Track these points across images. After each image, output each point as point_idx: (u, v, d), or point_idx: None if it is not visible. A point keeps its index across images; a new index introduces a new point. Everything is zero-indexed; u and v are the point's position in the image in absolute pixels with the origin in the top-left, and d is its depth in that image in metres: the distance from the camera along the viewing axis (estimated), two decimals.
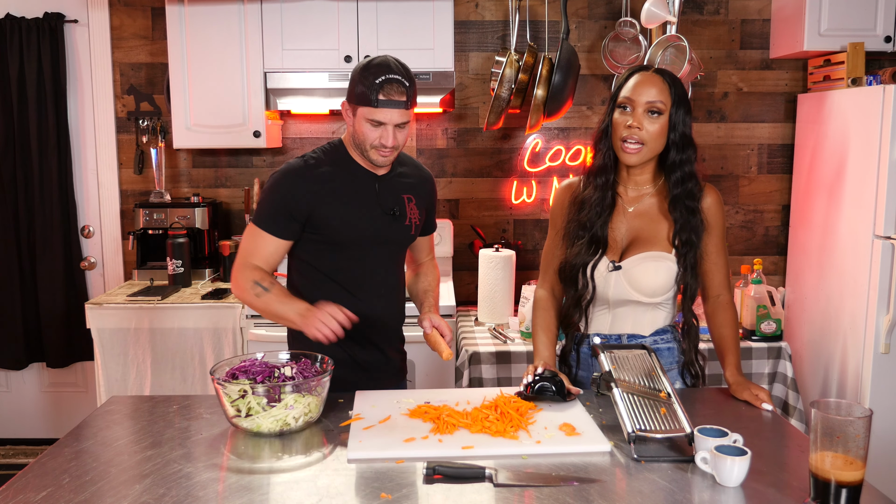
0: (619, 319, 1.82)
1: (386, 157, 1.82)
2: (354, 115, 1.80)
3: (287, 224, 1.83)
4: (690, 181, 1.78)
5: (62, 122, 3.45)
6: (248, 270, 1.83)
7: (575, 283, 1.80)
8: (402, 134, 1.81)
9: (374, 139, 1.79)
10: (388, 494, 1.27)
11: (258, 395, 1.52)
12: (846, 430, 1.18)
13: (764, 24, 3.46)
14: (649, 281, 1.76)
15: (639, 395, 1.53)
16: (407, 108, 1.79)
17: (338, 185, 1.85)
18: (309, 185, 1.83)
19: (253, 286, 1.80)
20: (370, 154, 1.82)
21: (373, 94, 1.74)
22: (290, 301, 1.78)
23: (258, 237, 1.85)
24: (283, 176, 1.85)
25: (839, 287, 3.01)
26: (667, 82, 1.75)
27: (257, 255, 1.85)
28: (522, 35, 3.35)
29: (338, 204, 1.84)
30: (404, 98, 1.77)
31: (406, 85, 1.77)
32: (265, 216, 1.85)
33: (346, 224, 1.84)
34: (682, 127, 1.75)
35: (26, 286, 3.52)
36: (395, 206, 1.90)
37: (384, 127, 1.77)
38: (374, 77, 1.75)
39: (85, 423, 1.62)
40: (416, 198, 1.96)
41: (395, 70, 1.77)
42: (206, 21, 3.12)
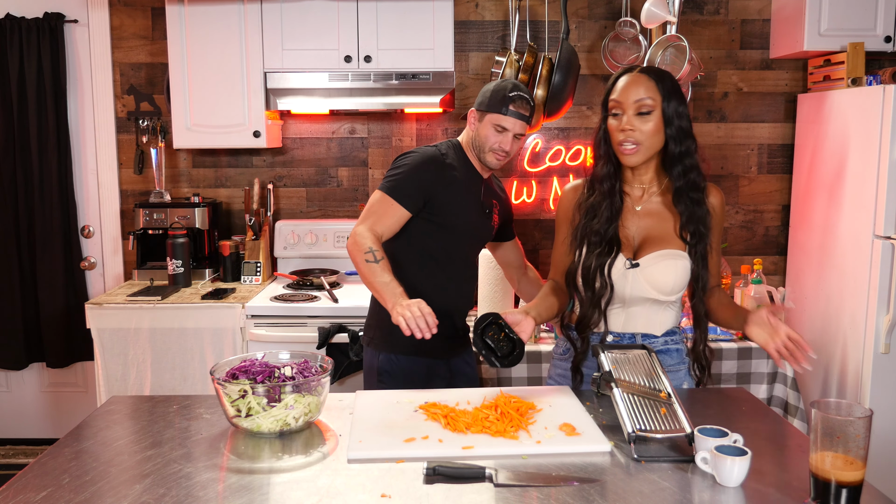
0: (632, 319, 1.82)
1: (500, 160, 2.11)
2: (481, 120, 2.11)
3: (417, 200, 2.07)
4: (692, 172, 1.77)
5: (62, 122, 3.45)
6: (370, 235, 2.02)
7: (593, 286, 1.79)
8: (516, 144, 2.12)
9: (495, 143, 2.09)
10: (388, 494, 1.27)
11: (258, 395, 1.52)
12: (846, 430, 1.18)
13: (764, 24, 3.46)
14: (667, 279, 1.76)
15: (639, 395, 1.53)
16: (527, 122, 2.11)
17: (459, 178, 2.13)
18: (442, 171, 2.10)
19: (368, 251, 1.98)
20: (487, 156, 2.11)
21: (504, 104, 2.07)
22: (392, 281, 1.94)
23: (389, 205, 2.06)
24: (423, 159, 2.11)
25: (839, 287, 3.01)
26: (653, 79, 1.74)
27: (383, 221, 2.06)
28: (522, 35, 3.35)
29: (456, 193, 2.12)
30: (528, 113, 2.11)
31: (531, 104, 2.12)
32: (401, 189, 2.06)
33: (459, 212, 2.13)
34: (677, 120, 1.74)
35: (26, 286, 3.52)
36: (489, 206, 2.22)
37: (506, 133, 2.08)
38: (509, 91, 2.08)
39: (85, 423, 1.62)
40: (500, 206, 2.29)
41: (524, 90, 2.12)
42: (206, 21, 3.12)
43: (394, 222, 2.07)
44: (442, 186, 2.09)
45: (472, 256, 2.29)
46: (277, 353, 1.72)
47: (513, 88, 2.09)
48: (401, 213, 2.07)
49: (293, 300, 3.02)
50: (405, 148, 3.52)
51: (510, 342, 1.72)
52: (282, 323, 2.95)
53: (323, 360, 1.68)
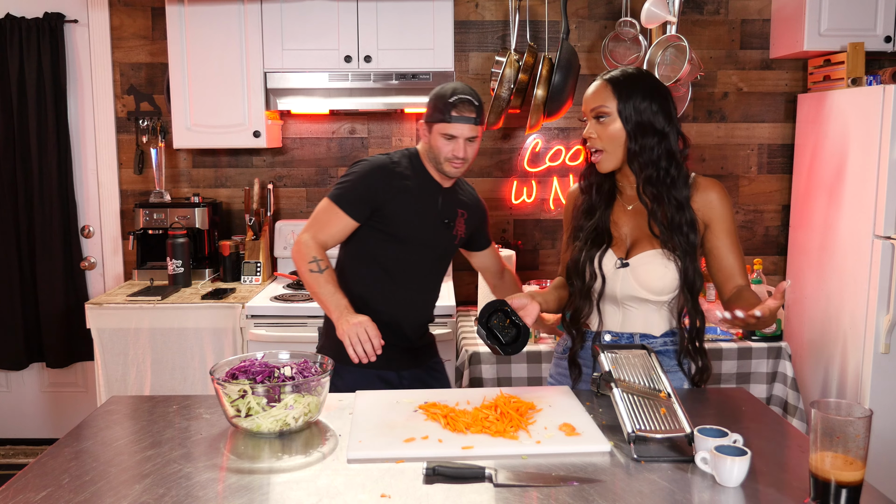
0: (629, 318, 1.82)
1: (457, 168, 2.04)
2: (430, 131, 2.04)
3: (363, 209, 2.03)
4: (650, 168, 1.75)
5: (62, 122, 3.45)
6: (313, 245, 2.01)
7: (583, 276, 1.81)
8: (471, 148, 2.04)
9: (448, 152, 2.01)
10: (388, 494, 1.27)
11: (258, 395, 1.52)
12: (846, 430, 1.18)
13: (764, 24, 3.46)
14: (657, 279, 1.76)
15: (639, 395, 1.53)
16: (476, 123, 2.02)
17: (411, 188, 2.07)
18: (391, 181, 2.05)
19: (311, 260, 1.98)
20: (444, 167, 2.04)
21: (447, 111, 1.99)
22: (336, 292, 1.95)
23: (334, 214, 2.03)
24: (371, 167, 2.06)
25: (839, 287, 3.01)
26: (609, 84, 1.76)
27: (327, 230, 2.03)
28: (522, 35, 3.35)
29: (407, 204, 2.05)
30: (474, 115, 2.01)
31: (476, 104, 2.02)
32: (347, 198, 2.03)
33: (409, 223, 2.06)
34: (635, 117, 1.73)
35: (26, 286, 3.52)
36: (448, 217, 2.13)
37: (456, 140, 2.00)
38: (449, 97, 2.00)
39: (85, 423, 1.62)
40: (469, 215, 2.19)
41: (465, 91, 2.02)
42: (206, 21, 3.12)
43: (338, 231, 2.05)
44: (390, 196, 2.04)
45: (429, 268, 2.17)
46: (277, 353, 1.72)
47: (452, 93, 2.01)
48: (346, 221, 2.03)
49: (293, 300, 3.02)
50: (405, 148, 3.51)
51: (515, 328, 1.72)
52: (282, 323, 2.95)
53: (323, 360, 1.68)
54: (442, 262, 2.21)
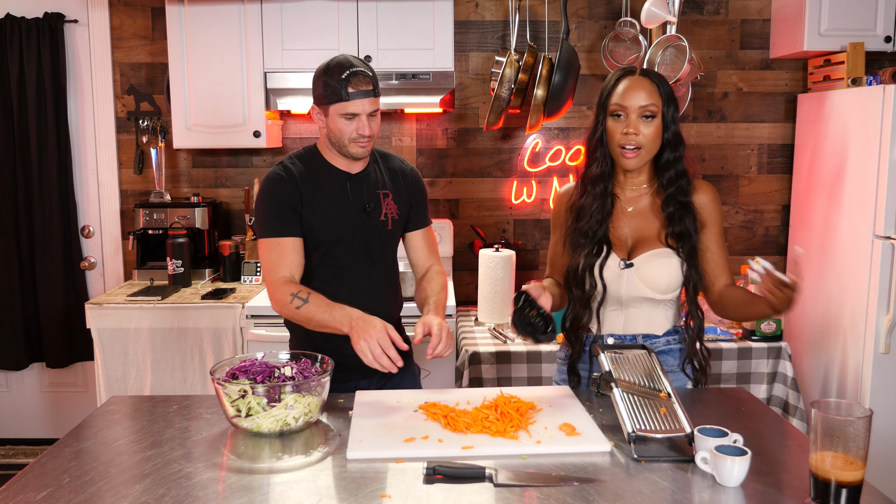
0: (631, 319, 1.82)
1: (364, 147, 1.89)
2: (327, 115, 1.88)
3: (292, 221, 1.89)
4: (682, 178, 1.80)
5: (62, 122, 3.45)
6: (282, 285, 1.85)
7: (583, 285, 1.80)
8: (375, 122, 1.89)
9: (351, 132, 1.86)
10: (388, 494, 1.27)
11: (258, 395, 1.52)
12: (846, 430, 1.18)
13: (764, 24, 3.46)
14: (662, 277, 1.76)
15: (639, 395, 1.53)
16: (375, 95, 1.87)
17: (313, 187, 1.92)
18: (291, 187, 1.90)
19: (291, 299, 1.82)
20: (349, 149, 1.88)
21: (342, 89, 1.83)
22: (334, 308, 1.79)
23: (274, 247, 1.89)
24: (269, 183, 1.92)
25: (839, 287, 3.01)
26: (655, 83, 1.76)
27: (282, 263, 1.88)
28: (522, 35, 3.35)
29: (315, 204, 1.91)
30: (371, 87, 1.85)
31: (370, 75, 1.86)
32: (270, 224, 1.89)
33: (323, 223, 1.91)
34: (673, 126, 1.78)
35: (26, 286, 3.52)
36: (368, 202, 1.96)
37: (358, 118, 1.85)
38: (339, 73, 1.83)
39: (85, 423, 1.62)
40: (394, 192, 2.01)
41: (356, 64, 1.86)
42: (206, 21, 3.12)
43: (292, 257, 1.88)
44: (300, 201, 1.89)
45: (364, 264, 1.97)
46: (277, 353, 1.72)
47: (343, 67, 1.84)
48: (291, 243, 1.88)
49: None
50: (405, 148, 3.52)
51: (542, 318, 1.71)
52: (281, 323, 2.94)
53: (323, 360, 1.68)
54: (384, 249, 2.01)
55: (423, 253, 2.11)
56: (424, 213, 2.10)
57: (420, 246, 2.10)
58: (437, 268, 2.12)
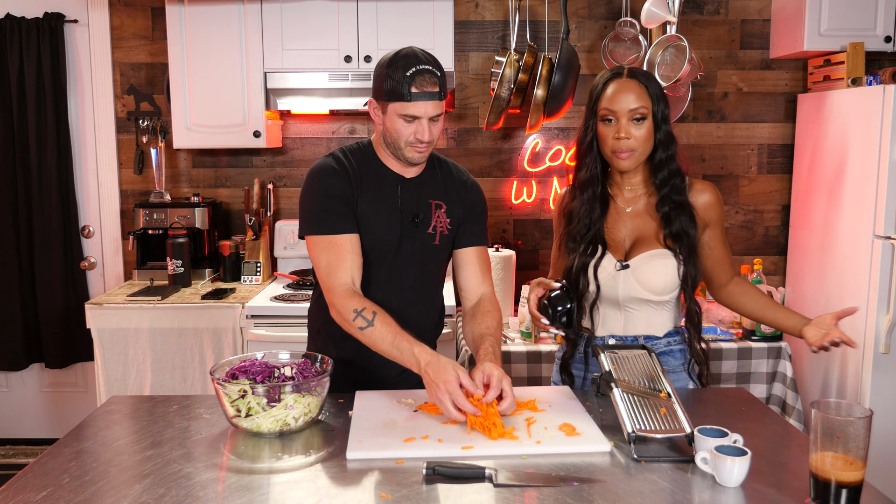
0: (631, 321, 1.83)
1: (422, 152, 1.74)
2: (385, 112, 1.71)
3: (348, 216, 1.74)
4: (676, 177, 1.80)
5: (62, 122, 3.45)
6: (345, 297, 1.68)
7: (576, 285, 1.81)
8: (436, 127, 1.73)
9: (409, 135, 1.70)
10: (388, 494, 1.27)
11: (258, 395, 1.52)
12: (846, 430, 1.18)
13: (764, 24, 3.46)
14: (658, 278, 1.76)
15: (639, 395, 1.53)
16: (441, 98, 1.70)
17: (365, 185, 1.77)
18: (345, 180, 1.76)
19: (355, 317, 1.66)
20: (405, 152, 1.73)
21: (404, 87, 1.65)
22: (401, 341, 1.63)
23: (331, 246, 1.72)
24: (320, 175, 1.77)
25: (839, 287, 3.01)
26: (643, 84, 1.75)
27: (341, 266, 1.71)
28: (522, 35, 3.35)
29: (364, 204, 1.76)
30: (437, 88, 1.68)
31: (438, 75, 1.69)
32: (325, 219, 1.73)
33: (367, 226, 1.77)
34: (664, 125, 1.77)
35: (26, 286, 3.52)
36: (418, 211, 1.80)
37: (419, 121, 1.69)
38: (405, 70, 1.66)
39: (85, 423, 1.62)
40: (448, 205, 1.84)
41: (424, 60, 1.68)
42: (206, 21, 3.12)
43: (352, 258, 1.73)
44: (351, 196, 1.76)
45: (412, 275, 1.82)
46: (277, 353, 1.72)
47: (408, 62, 1.66)
48: (349, 241, 1.73)
49: (293, 300, 3.01)
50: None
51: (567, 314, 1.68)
52: (281, 323, 2.95)
53: (323, 360, 1.68)
54: (426, 266, 1.86)
55: (474, 275, 1.89)
56: (482, 231, 1.91)
57: (471, 265, 1.89)
58: (491, 298, 1.88)
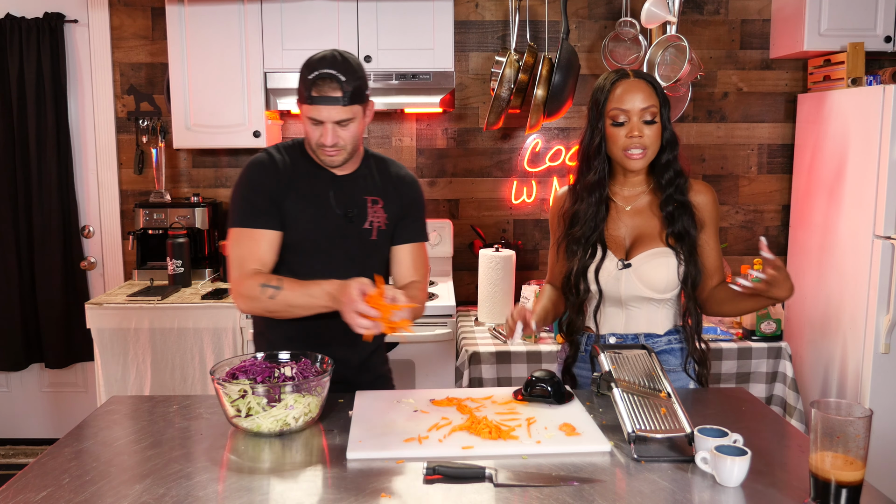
0: (632, 319, 1.83)
1: (332, 156, 1.73)
2: (302, 113, 1.74)
3: (271, 212, 1.75)
4: (680, 178, 1.81)
5: (62, 122, 3.45)
6: (249, 277, 1.71)
7: (577, 290, 1.81)
8: (345, 132, 1.71)
9: (317, 138, 1.71)
10: (388, 494, 1.27)
11: (258, 395, 1.52)
12: (846, 430, 1.18)
13: (764, 24, 3.46)
14: (660, 276, 1.77)
15: (639, 395, 1.53)
16: (344, 104, 1.67)
17: (296, 182, 1.78)
18: (274, 176, 1.77)
19: (262, 290, 1.68)
20: (318, 154, 1.75)
21: (307, 91, 1.67)
22: (310, 287, 1.66)
23: (245, 238, 1.74)
24: (250, 168, 1.79)
25: (839, 287, 3.01)
26: (651, 85, 1.77)
27: (251, 257, 1.73)
28: (522, 35, 3.35)
29: (292, 200, 1.77)
30: (339, 93, 1.66)
31: (341, 80, 1.65)
32: (245, 212, 1.75)
33: (297, 223, 1.78)
34: (669, 125, 1.79)
35: (26, 286, 3.52)
36: (351, 207, 1.80)
37: (323, 125, 1.69)
38: (309, 73, 1.67)
39: (85, 423, 1.62)
40: (385, 201, 1.84)
41: (331, 64, 1.66)
42: (206, 21, 3.12)
43: (265, 251, 1.74)
44: (281, 193, 1.76)
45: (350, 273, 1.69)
46: (277, 354, 1.72)
47: (314, 66, 1.66)
48: (266, 237, 1.74)
49: None
50: (405, 148, 3.52)
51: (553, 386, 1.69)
52: None
53: (323, 360, 1.68)
54: (366, 261, 1.83)
55: (406, 269, 1.89)
56: (418, 227, 1.91)
57: (405, 261, 1.89)
58: (419, 284, 1.89)
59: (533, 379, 1.68)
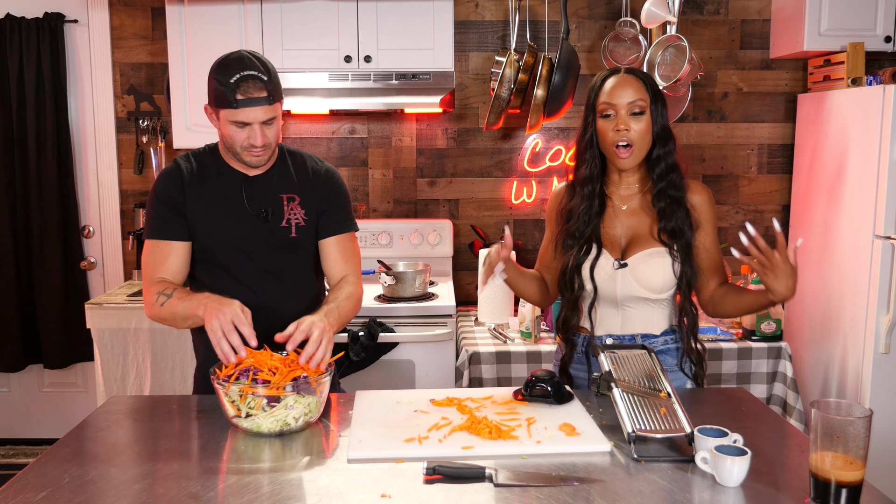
0: (629, 320, 1.83)
1: (260, 156, 1.75)
2: (218, 118, 1.73)
3: (176, 223, 1.78)
4: (673, 172, 1.80)
5: (62, 122, 3.45)
6: (152, 285, 1.75)
7: (571, 286, 1.81)
8: (271, 130, 1.73)
9: (243, 140, 1.71)
10: (388, 494, 1.27)
11: (258, 395, 1.52)
12: (846, 430, 1.18)
13: (764, 24, 3.46)
14: (656, 276, 1.77)
15: (639, 395, 1.53)
16: (270, 103, 1.69)
17: (204, 187, 1.80)
18: (176, 186, 1.79)
19: (155, 300, 1.71)
20: (243, 156, 1.75)
21: (230, 94, 1.66)
22: (192, 296, 1.69)
23: (155, 249, 1.79)
24: (158, 180, 1.83)
25: (839, 287, 3.01)
26: (641, 80, 1.78)
27: (159, 267, 1.77)
28: (522, 35, 3.35)
29: (201, 207, 1.79)
30: (265, 93, 1.68)
31: (264, 79, 1.68)
32: (153, 225, 1.80)
33: (210, 228, 1.79)
34: (661, 120, 1.79)
35: (26, 286, 3.52)
36: (266, 206, 1.80)
37: (250, 127, 1.70)
38: (229, 76, 1.66)
39: (85, 423, 1.62)
40: (302, 196, 1.84)
41: (250, 65, 1.67)
42: (206, 21, 3.12)
43: (172, 261, 1.77)
44: (187, 201, 1.78)
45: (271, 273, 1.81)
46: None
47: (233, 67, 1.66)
48: (172, 248, 1.77)
49: None
50: (405, 148, 3.52)
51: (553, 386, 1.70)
52: None
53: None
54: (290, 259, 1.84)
55: (334, 262, 1.88)
56: (342, 218, 1.89)
57: (332, 254, 1.88)
58: (351, 278, 1.88)
59: (533, 379, 1.68)
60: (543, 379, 1.68)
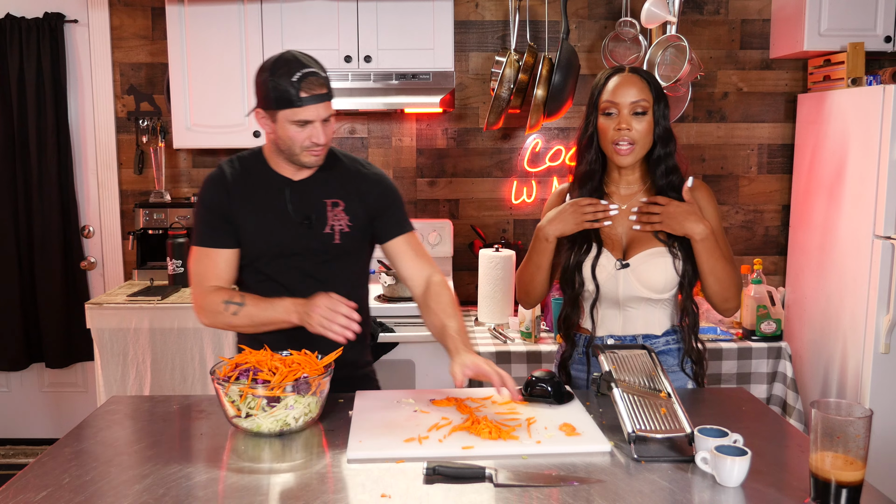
0: (630, 320, 1.83)
1: (318, 155, 1.74)
2: (275, 120, 1.69)
3: (223, 231, 1.78)
4: (674, 174, 1.80)
5: (62, 122, 3.45)
6: (211, 294, 1.75)
7: (572, 283, 1.81)
8: (329, 128, 1.73)
9: (304, 140, 1.69)
10: (388, 494, 1.27)
11: (258, 395, 1.52)
12: (846, 430, 1.18)
13: (764, 24, 3.46)
14: (658, 276, 1.76)
15: (639, 395, 1.53)
16: (329, 99, 1.71)
17: (249, 193, 1.78)
18: (222, 192, 1.78)
19: (225, 307, 1.72)
20: (302, 157, 1.72)
21: (294, 93, 1.65)
22: (273, 302, 1.70)
23: (204, 257, 1.79)
24: (203, 186, 1.82)
25: (839, 287, 3.01)
26: (645, 80, 1.78)
27: (210, 275, 1.77)
28: (522, 35, 3.35)
29: (246, 213, 1.77)
30: (325, 90, 1.69)
31: (323, 76, 1.69)
32: (202, 231, 1.80)
33: (254, 235, 1.78)
34: (663, 122, 1.79)
35: (26, 286, 3.52)
36: (309, 212, 1.78)
37: (312, 125, 1.68)
38: (290, 75, 1.65)
39: (85, 423, 1.62)
40: (347, 202, 1.80)
41: (307, 63, 1.68)
42: (206, 21, 3.12)
43: (223, 269, 1.78)
44: (233, 207, 1.77)
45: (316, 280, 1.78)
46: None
47: (293, 68, 1.65)
48: (222, 255, 1.77)
49: None
50: (405, 148, 3.52)
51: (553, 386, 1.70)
52: None
53: None
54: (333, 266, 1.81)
55: (409, 261, 1.86)
56: (400, 219, 1.87)
57: (403, 254, 1.86)
58: (437, 278, 1.85)
59: (533, 379, 1.68)
60: (543, 379, 1.68)
